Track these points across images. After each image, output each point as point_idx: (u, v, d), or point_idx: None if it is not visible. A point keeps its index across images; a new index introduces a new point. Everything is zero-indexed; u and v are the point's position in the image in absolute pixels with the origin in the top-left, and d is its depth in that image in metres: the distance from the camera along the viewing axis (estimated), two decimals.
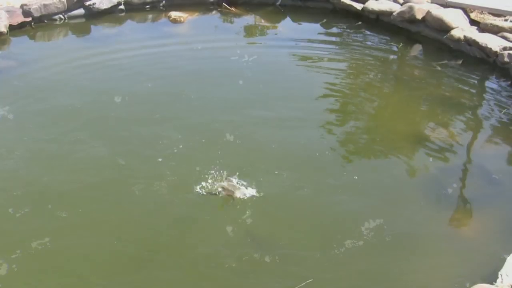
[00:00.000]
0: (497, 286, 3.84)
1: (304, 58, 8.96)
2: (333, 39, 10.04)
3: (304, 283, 4.11)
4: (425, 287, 4.29)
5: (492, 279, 3.96)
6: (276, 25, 10.48)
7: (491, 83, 8.25)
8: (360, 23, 10.48)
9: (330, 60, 8.96)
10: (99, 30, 9.76)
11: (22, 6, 9.49)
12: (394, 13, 10.00)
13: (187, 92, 7.35)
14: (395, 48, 9.55)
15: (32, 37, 9.30)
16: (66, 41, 9.33)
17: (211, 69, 8.33)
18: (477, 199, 5.39)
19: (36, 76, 7.77)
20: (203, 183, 5.23)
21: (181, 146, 5.93)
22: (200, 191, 5.15)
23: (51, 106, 6.92)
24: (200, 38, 9.55)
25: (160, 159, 5.73)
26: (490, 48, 8.45)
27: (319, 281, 4.18)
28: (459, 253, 4.65)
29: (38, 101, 7.03)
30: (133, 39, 9.39)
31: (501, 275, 3.96)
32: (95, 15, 10.09)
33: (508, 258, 4.12)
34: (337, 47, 9.63)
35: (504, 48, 8.39)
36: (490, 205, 5.28)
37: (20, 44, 9.03)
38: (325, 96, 7.56)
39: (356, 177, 5.55)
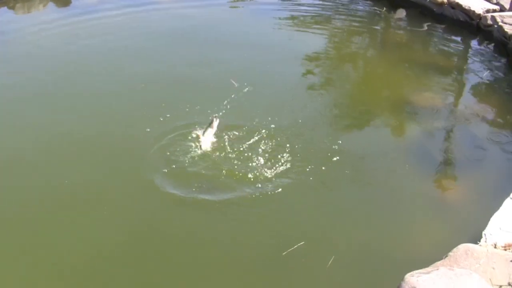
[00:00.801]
0: (481, 245, 3.96)
1: (287, 23, 8.94)
2: (316, 3, 10.00)
3: (295, 246, 4.20)
4: (411, 249, 4.39)
5: (476, 239, 4.08)
6: None
7: (475, 46, 8.31)
8: None
9: (313, 25, 8.95)
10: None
11: None
12: None
13: (169, 54, 7.43)
14: (378, 13, 9.53)
15: (12, 8, 9.11)
16: (46, 11, 9.16)
17: (191, 31, 8.39)
18: (462, 163, 5.49)
19: (17, 46, 7.70)
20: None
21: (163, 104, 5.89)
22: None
23: (32, 75, 6.85)
24: (181, 3, 9.56)
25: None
26: (474, 11, 8.48)
27: (309, 245, 4.27)
28: (445, 215, 4.76)
29: (21, 69, 6.97)
30: (115, 6, 9.30)
31: (485, 234, 4.08)
32: None
33: (492, 218, 4.23)
34: (320, 12, 9.60)
35: (488, 11, 8.43)
36: (475, 168, 5.38)
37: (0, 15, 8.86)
38: (308, 61, 7.56)
39: (340, 142, 5.51)
